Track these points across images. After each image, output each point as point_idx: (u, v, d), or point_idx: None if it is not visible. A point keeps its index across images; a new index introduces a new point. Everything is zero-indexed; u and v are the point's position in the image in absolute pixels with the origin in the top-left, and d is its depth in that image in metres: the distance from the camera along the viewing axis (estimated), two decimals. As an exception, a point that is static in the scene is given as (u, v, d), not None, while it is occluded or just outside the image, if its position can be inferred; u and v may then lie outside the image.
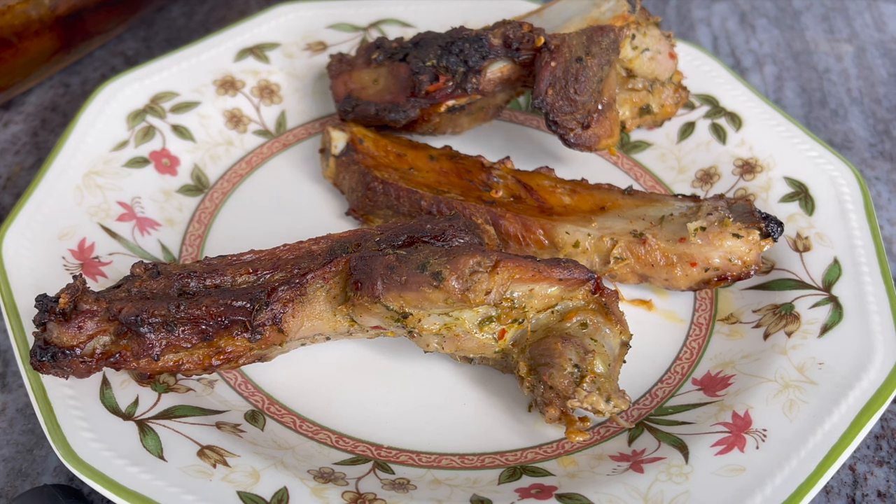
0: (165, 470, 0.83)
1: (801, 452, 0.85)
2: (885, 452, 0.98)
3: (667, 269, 1.02)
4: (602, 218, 1.05)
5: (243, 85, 1.26)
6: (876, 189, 1.28)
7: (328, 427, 0.94)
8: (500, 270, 0.88)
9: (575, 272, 0.90)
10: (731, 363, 0.98)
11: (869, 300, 0.98)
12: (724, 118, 1.22)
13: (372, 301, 0.88)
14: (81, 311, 0.87)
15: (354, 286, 0.89)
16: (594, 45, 1.04)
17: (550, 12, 1.13)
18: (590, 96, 1.05)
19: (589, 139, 1.08)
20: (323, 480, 0.86)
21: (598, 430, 0.94)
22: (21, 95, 1.38)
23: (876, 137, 1.36)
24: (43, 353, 0.86)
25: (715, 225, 1.00)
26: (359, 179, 1.11)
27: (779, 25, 1.59)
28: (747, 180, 1.15)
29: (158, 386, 0.93)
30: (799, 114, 1.40)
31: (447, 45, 1.08)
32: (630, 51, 1.10)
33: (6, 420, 0.98)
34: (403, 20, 1.35)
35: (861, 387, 0.90)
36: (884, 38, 1.56)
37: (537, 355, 0.89)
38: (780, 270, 1.05)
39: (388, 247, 0.94)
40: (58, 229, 1.05)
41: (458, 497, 0.86)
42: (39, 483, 0.93)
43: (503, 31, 1.07)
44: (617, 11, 1.07)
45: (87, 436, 0.85)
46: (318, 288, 0.92)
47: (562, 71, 1.04)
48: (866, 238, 1.05)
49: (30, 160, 1.29)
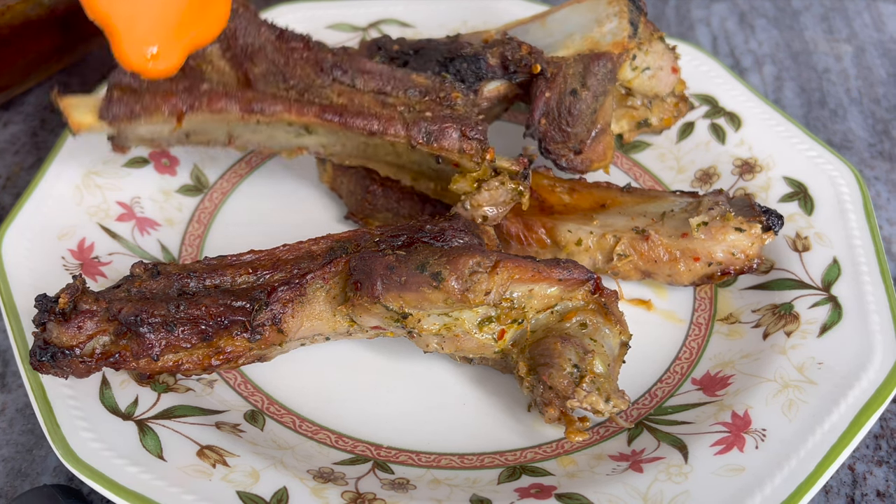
0: (165, 470, 0.83)
1: (801, 452, 0.85)
2: (884, 452, 0.98)
3: (670, 265, 1.02)
4: (603, 215, 1.05)
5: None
6: (875, 189, 1.28)
7: (328, 427, 0.94)
8: (500, 271, 0.88)
9: (574, 272, 0.90)
10: (731, 363, 0.98)
11: (868, 300, 0.98)
12: (724, 118, 1.22)
13: (372, 301, 0.88)
14: (81, 311, 0.87)
15: (354, 286, 0.89)
16: (590, 77, 1.05)
17: (554, 21, 1.12)
18: (582, 127, 1.06)
19: (581, 164, 1.09)
20: (322, 480, 0.86)
21: (597, 429, 0.94)
22: (21, 95, 1.38)
23: (875, 137, 1.36)
24: (42, 353, 0.86)
25: (717, 219, 1.01)
26: (357, 182, 1.11)
27: (778, 25, 1.59)
28: (746, 180, 1.15)
29: (158, 386, 0.93)
30: (798, 114, 1.40)
31: (445, 61, 1.09)
32: (630, 72, 1.10)
33: (6, 420, 0.98)
34: (403, 20, 1.35)
35: (860, 386, 0.90)
36: (883, 38, 1.56)
37: (537, 355, 0.89)
38: (780, 270, 1.06)
39: (388, 247, 0.94)
40: (57, 229, 1.05)
41: (457, 497, 0.86)
42: (39, 483, 0.93)
43: (501, 51, 1.07)
44: (617, 36, 1.07)
45: (87, 436, 0.85)
46: (317, 288, 0.92)
47: (556, 102, 1.05)
48: (865, 238, 1.05)
49: (29, 160, 1.29)
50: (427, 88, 0.99)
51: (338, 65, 0.98)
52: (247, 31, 0.98)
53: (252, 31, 0.98)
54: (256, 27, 0.98)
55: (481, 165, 0.97)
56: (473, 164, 0.97)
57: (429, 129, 0.96)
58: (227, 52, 0.97)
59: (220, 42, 0.97)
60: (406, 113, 0.97)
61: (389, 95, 0.98)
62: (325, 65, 0.98)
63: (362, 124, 0.96)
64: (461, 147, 0.96)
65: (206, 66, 0.98)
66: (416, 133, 0.96)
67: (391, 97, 0.98)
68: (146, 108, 0.95)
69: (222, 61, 0.98)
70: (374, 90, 0.98)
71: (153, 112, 0.95)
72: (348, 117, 0.96)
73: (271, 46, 0.98)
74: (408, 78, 0.99)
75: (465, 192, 0.99)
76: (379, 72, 0.99)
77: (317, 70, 0.98)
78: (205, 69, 0.98)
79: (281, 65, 0.98)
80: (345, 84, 0.98)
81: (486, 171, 0.98)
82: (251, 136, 1.02)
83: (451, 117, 0.97)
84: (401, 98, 0.98)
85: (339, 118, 0.96)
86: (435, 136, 0.95)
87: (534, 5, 1.35)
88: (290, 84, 0.98)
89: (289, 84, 0.98)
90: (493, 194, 0.97)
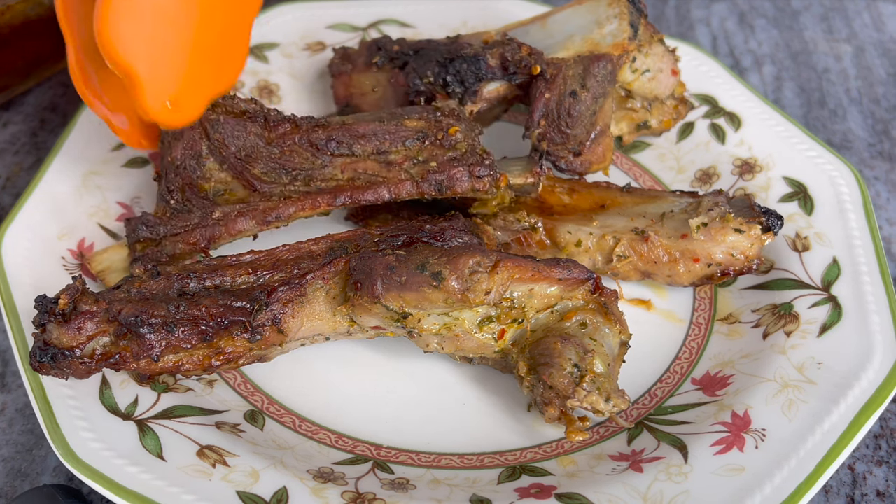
0: (165, 470, 0.83)
1: (801, 452, 0.85)
2: (884, 452, 0.98)
3: (670, 266, 1.03)
4: (603, 216, 1.05)
5: (242, 85, 1.26)
6: (875, 189, 1.28)
7: (327, 427, 0.94)
8: (500, 270, 0.88)
9: (574, 272, 0.90)
10: (731, 363, 0.98)
11: (868, 300, 0.98)
12: (724, 118, 1.22)
13: (372, 301, 0.88)
14: (81, 311, 0.87)
15: (354, 286, 0.89)
16: (590, 78, 1.05)
17: (554, 23, 1.12)
18: (582, 129, 1.06)
19: (580, 165, 1.09)
20: (322, 480, 0.86)
21: (597, 429, 0.94)
22: (20, 95, 1.38)
23: (875, 137, 1.37)
24: (42, 355, 0.86)
25: (716, 220, 1.01)
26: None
27: (777, 25, 1.59)
28: (746, 180, 1.15)
29: (158, 386, 0.93)
30: (798, 114, 1.40)
31: (445, 62, 1.09)
32: (629, 74, 1.10)
33: (5, 420, 0.98)
34: (403, 20, 1.35)
35: (860, 386, 0.90)
36: (883, 38, 1.56)
37: (537, 355, 0.89)
38: (780, 270, 1.06)
39: (388, 247, 0.94)
40: (57, 229, 1.05)
41: (457, 497, 0.86)
42: (39, 483, 0.93)
43: (501, 52, 1.07)
44: (617, 38, 1.07)
45: (87, 436, 0.85)
46: (317, 288, 0.92)
47: (555, 103, 1.05)
48: (865, 238, 1.05)
49: (29, 160, 1.29)
50: (424, 131, 1.00)
51: (332, 139, 0.99)
52: (234, 135, 1.00)
53: (239, 134, 1.00)
54: (242, 127, 1.00)
55: (498, 193, 0.99)
56: (489, 195, 0.99)
57: (438, 179, 0.98)
58: (224, 163, 0.99)
59: (213, 155, 0.99)
60: (411, 168, 0.98)
61: (390, 152, 0.99)
62: (319, 144, 0.99)
63: (374, 196, 0.98)
64: (474, 187, 0.98)
65: (208, 184, 1.00)
66: (427, 188, 0.98)
67: (392, 153, 0.99)
68: (172, 255, 0.98)
69: (222, 173, 1.00)
70: (373, 151, 1.00)
71: (179, 258, 0.98)
72: (358, 195, 0.98)
73: (262, 141, 0.99)
74: (401, 127, 1.00)
75: (485, 214, 1.02)
76: (373, 132, 1.00)
77: (313, 151, 0.99)
78: (208, 188, 1.00)
79: (278, 157, 0.99)
80: (344, 156, 1.00)
81: (503, 196, 1.01)
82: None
83: (457, 160, 0.98)
84: (401, 151, 0.99)
85: (350, 199, 0.98)
86: (446, 185, 0.98)
87: (534, 6, 1.34)
88: (293, 174, 0.99)
89: (291, 175, 0.99)
90: (507, 224, 1.01)
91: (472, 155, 0.99)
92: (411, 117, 1.02)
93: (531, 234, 1.04)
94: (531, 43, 1.11)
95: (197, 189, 0.99)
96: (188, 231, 0.98)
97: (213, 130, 0.99)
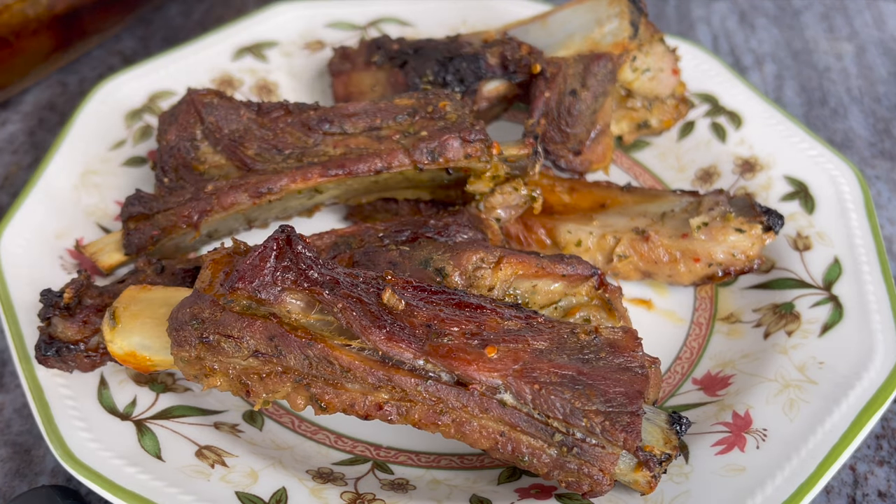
0: (163, 470, 0.83)
1: (802, 452, 0.85)
2: (885, 452, 0.98)
3: (670, 266, 1.02)
4: (603, 216, 1.05)
5: (241, 84, 1.26)
6: (876, 188, 1.28)
7: (327, 427, 0.94)
8: (504, 266, 0.88)
9: (578, 268, 0.90)
10: (731, 363, 0.98)
11: (869, 299, 0.98)
12: (724, 117, 1.22)
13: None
14: (86, 305, 0.87)
15: (353, 285, 0.88)
16: (590, 77, 1.05)
17: (555, 22, 1.12)
18: (582, 128, 1.06)
19: (580, 165, 1.09)
20: (321, 480, 0.86)
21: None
22: (18, 94, 1.38)
23: (876, 136, 1.36)
24: (47, 348, 0.86)
25: (717, 220, 1.01)
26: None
27: (778, 24, 1.58)
28: (747, 179, 1.15)
29: (156, 386, 0.93)
30: (799, 113, 1.40)
31: (445, 61, 1.08)
32: (630, 73, 1.10)
33: (3, 421, 0.98)
34: (402, 19, 1.35)
35: (861, 386, 0.90)
36: (883, 37, 1.56)
37: (537, 355, 0.89)
38: (781, 269, 1.05)
39: (392, 242, 0.94)
40: (55, 229, 1.05)
41: (457, 497, 0.86)
42: (37, 484, 0.93)
43: (501, 50, 1.07)
44: (618, 37, 1.06)
45: (85, 436, 0.85)
46: (316, 287, 0.91)
47: (555, 102, 1.05)
48: (867, 237, 1.04)
49: (27, 159, 1.29)
50: (414, 108, 0.99)
51: (323, 118, 0.99)
52: (227, 118, 1.00)
53: (232, 117, 1.00)
54: (235, 111, 1.00)
55: (490, 162, 0.98)
56: (482, 164, 0.97)
57: (429, 147, 0.97)
58: (218, 144, 0.99)
59: (208, 138, 0.99)
60: (403, 139, 0.98)
61: (381, 128, 0.99)
62: (311, 123, 0.99)
63: (366, 167, 0.97)
64: (466, 153, 0.97)
65: (202, 165, 1.00)
66: (419, 156, 0.97)
67: (383, 129, 0.99)
68: (164, 229, 0.98)
69: (216, 156, 0.99)
70: (365, 129, 1.00)
71: (171, 231, 0.98)
72: (351, 165, 0.97)
73: (255, 124, 0.99)
74: (392, 105, 1.00)
75: (482, 192, 1.00)
76: (363, 110, 1.00)
77: (305, 131, 0.99)
78: (202, 169, 1.00)
79: (271, 139, 0.99)
80: (336, 134, 0.99)
81: (497, 166, 0.99)
82: (267, 213, 1.04)
83: (447, 128, 0.97)
84: (393, 126, 0.99)
85: (342, 170, 0.97)
86: (438, 152, 0.96)
87: (534, 5, 1.34)
88: (286, 154, 0.99)
89: (284, 154, 0.99)
90: (506, 198, 0.98)
91: (462, 122, 0.98)
92: (402, 97, 1.02)
93: (531, 234, 1.04)
94: (531, 42, 1.11)
95: (191, 168, 0.99)
96: (181, 205, 0.98)
97: (208, 114, 0.99)
